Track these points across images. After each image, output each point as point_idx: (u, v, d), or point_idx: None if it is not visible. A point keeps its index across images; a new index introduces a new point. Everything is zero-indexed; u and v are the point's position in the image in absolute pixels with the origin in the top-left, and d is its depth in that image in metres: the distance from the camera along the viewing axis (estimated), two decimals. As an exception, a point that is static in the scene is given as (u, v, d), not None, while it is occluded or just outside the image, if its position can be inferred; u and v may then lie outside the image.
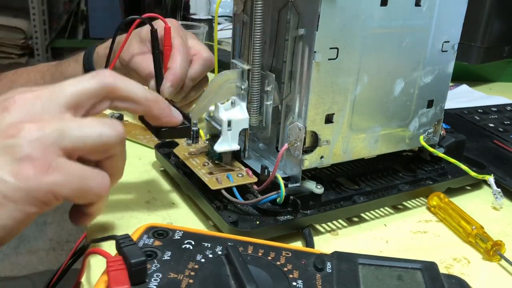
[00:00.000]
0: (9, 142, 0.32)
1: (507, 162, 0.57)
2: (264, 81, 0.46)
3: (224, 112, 0.46)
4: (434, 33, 0.47)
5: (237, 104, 0.47)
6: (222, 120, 0.46)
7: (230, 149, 0.46)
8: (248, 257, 0.32)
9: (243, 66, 0.47)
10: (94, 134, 0.34)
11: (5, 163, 0.31)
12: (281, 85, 0.46)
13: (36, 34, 2.69)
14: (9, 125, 0.32)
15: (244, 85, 0.46)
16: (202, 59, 0.60)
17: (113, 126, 0.35)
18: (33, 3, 2.65)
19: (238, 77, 0.47)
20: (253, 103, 0.46)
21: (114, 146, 0.35)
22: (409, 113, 0.49)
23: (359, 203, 0.45)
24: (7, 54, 2.68)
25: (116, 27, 0.56)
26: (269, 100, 0.46)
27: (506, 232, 0.46)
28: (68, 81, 0.35)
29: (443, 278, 0.32)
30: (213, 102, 0.47)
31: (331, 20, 0.40)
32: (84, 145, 0.33)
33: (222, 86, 0.47)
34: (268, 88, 0.46)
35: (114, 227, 0.43)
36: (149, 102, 0.38)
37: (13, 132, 0.32)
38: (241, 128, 0.46)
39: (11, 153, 0.31)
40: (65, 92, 0.35)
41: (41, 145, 0.32)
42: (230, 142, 0.46)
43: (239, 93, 0.47)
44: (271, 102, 0.46)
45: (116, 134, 0.35)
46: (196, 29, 0.82)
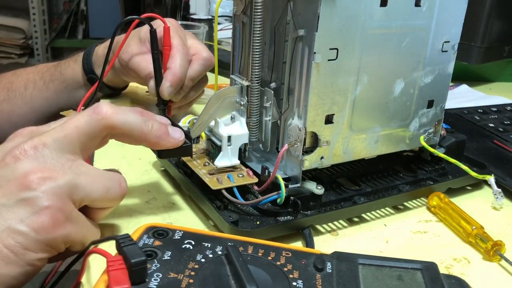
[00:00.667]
0: (26, 194, 0.33)
1: (507, 162, 0.57)
2: (263, 97, 0.46)
3: (224, 128, 0.46)
4: (434, 33, 0.47)
5: (237, 119, 0.47)
6: (222, 136, 0.46)
7: (230, 164, 0.46)
8: (248, 257, 0.32)
9: (242, 82, 0.47)
10: (103, 190, 0.36)
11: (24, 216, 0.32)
12: (279, 101, 0.46)
13: (36, 34, 2.69)
14: (22, 176, 0.33)
15: (243, 101, 0.47)
16: (202, 58, 0.60)
17: (120, 183, 0.38)
18: (33, 3, 2.64)
19: (237, 93, 0.47)
20: (253, 118, 0.47)
21: (114, 201, 0.38)
22: (409, 113, 0.49)
23: (359, 203, 0.45)
24: (7, 54, 2.68)
25: (118, 23, 0.56)
26: (268, 116, 0.46)
27: (506, 232, 0.46)
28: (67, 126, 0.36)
29: (443, 278, 0.32)
30: (213, 118, 0.47)
31: (330, 21, 0.40)
32: (91, 198, 0.36)
33: (221, 101, 0.47)
34: (267, 104, 0.46)
35: (114, 227, 0.43)
36: (144, 133, 0.39)
37: (29, 184, 0.33)
38: (241, 143, 0.47)
39: (30, 206, 0.33)
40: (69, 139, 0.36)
41: (57, 197, 0.33)
42: (231, 157, 0.46)
43: (239, 109, 0.48)
44: (270, 117, 0.46)
45: (121, 191, 0.38)
46: (196, 29, 0.82)
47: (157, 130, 0.40)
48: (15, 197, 0.33)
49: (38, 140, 0.35)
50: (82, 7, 2.75)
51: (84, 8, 2.74)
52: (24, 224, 0.32)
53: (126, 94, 0.77)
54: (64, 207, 0.33)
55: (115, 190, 0.37)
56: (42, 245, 0.33)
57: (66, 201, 0.34)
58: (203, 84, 0.63)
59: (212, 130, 0.48)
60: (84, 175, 0.35)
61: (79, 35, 2.78)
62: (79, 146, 0.36)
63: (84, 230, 0.36)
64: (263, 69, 0.47)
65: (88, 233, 0.36)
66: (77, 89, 0.71)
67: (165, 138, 0.41)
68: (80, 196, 0.35)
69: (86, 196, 0.35)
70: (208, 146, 0.49)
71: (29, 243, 0.32)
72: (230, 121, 0.48)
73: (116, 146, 0.60)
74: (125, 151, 0.59)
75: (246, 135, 0.47)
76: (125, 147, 0.60)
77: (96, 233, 0.38)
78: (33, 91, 0.72)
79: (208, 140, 0.49)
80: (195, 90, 0.61)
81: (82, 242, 0.36)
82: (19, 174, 0.33)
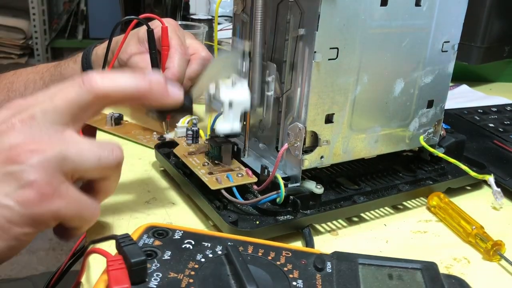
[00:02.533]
0: (12, 168, 0.32)
1: (507, 162, 0.57)
2: (265, 72, 0.45)
3: (225, 92, 0.44)
4: (434, 33, 0.47)
5: (239, 83, 0.45)
6: (223, 100, 0.44)
7: (232, 129, 0.44)
8: (248, 257, 0.32)
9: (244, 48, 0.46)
10: (94, 158, 0.35)
11: (10, 190, 0.32)
12: (282, 76, 0.45)
13: (36, 34, 2.69)
14: (10, 149, 0.32)
15: (245, 66, 0.45)
16: (200, 58, 0.60)
17: (112, 150, 0.36)
18: (33, 3, 2.65)
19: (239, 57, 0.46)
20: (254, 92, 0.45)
21: (111, 170, 0.36)
22: (409, 113, 0.49)
23: (359, 203, 0.45)
24: (7, 54, 2.68)
25: (116, 24, 0.56)
26: (270, 91, 0.46)
27: (506, 232, 0.46)
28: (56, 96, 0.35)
29: (443, 278, 0.32)
30: (214, 80, 0.45)
31: (331, 20, 0.40)
32: (83, 168, 0.34)
33: (223, 65, 0.46)
34: (269, 78, 0.45)
35: (114, 227, 0.43)
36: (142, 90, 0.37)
37: (15, 157, 0.32)
38: (243, 108, 0.45)
39: (16, 180, 0.32)
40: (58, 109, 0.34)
41: (44, 171, 0.32)
42: (232, 122, 0.44)
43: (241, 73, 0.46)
44: (272, 92, 0.45)
45: (115, 158, 0.36)
46: (196, 29, 0.82)
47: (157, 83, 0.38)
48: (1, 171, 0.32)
49: (25, 113, 0.34)
50: (82, 7, 2.75)
51: (84, 8, 2.75)
52: (10, 198, 0.31)
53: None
54: (52, 181, 0.32)
55: (107, 158, 0.36)
56: (28, 220, 0.32)
57: (54, 174, 0.32)
58: (202, 84, 0.63)
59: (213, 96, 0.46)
60: (73, 146, 0.34)
61: (79, 35, 2.78)
62: (69, 118, 0.35)
63: (76, 205, 0.34)
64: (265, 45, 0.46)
65: (83, 209, 0.35)
66: None
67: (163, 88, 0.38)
68: (70, 167, 0.33)
69: (77, 167, 0.34)
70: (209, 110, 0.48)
71: (15, 217, 0.31)
72: (232, 85, 0.45)
73: (116, 146, 0.60)
74: (125, 151, 0.58)
75: (248, 99, 0.45)
76: (125, 147, 0.59)
77: (93, 209, 0.36)
78: (33, 91, 0.72)
79: (208, 140, 0.48)
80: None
81: (77, 218, 0.34)
82: (6, 148, 0.32)
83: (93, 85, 0.35)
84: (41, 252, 1.65)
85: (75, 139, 0.35)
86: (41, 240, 1.70)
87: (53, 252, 1.66)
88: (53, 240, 1.71)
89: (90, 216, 0.35)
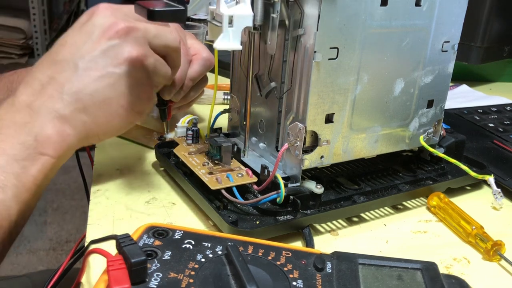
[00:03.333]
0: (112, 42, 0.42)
1: (507, 162, 0.57)
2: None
3: (225, 6, 0.42)
4: (434, 33, 0.47)
5: (241, 1, 0.43)
6: (222, 15, 0.41)
7: (231, 47, 0.42)
8: (248, 257, 0.32)
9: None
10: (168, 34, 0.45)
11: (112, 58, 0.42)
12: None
13: (36, 34, 2.69)
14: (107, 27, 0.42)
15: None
16: (202, 59, 0.59)
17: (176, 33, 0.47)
18: (33, 3, 2.64)
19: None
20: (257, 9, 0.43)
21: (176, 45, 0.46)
22: (409, 113, 0.49)
23: (359, 203, 0.45)
24: (7, 54, 2.67)
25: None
26: (276, 13, 0.43)
27: (506, 232, 0.46)
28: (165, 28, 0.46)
29: (443, 278, 0.32)
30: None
31: (331, 20, 0.40)
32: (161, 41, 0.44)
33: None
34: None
35: (114, 227, 0.43)
36: None
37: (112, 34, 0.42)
38: (244, 26, 0.42)
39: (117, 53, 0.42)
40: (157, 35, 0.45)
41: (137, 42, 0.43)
42: (231, 40, 0.42)
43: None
44: (278, 14, 0.43)
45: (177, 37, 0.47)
46: (196, 29, 0.82)
47: None
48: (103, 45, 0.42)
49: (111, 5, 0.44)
50: (82, 7, 2.75)
51: (84, 8, 2.74)
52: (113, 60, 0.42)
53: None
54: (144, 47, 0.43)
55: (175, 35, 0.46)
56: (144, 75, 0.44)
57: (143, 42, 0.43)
58: (203, 84, 0.63)
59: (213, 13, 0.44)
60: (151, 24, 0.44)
61: (79, 35, 2.77)
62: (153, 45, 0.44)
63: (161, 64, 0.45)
64: None
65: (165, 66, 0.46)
66: None
67: None
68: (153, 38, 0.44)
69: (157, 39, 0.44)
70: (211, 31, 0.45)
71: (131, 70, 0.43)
72: (234, 3, 0.43)
73: (116, 146, 0.60)
74: (126, 151, 0.59)
75: (250, 16, 0.42)
76: (125, 147, 0.60)
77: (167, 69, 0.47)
78: None
79: (208, 140, 0.49)
80: (195, 90, 0.61)
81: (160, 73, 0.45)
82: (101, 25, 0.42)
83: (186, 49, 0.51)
84: (41, 252, 1.65)
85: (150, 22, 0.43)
86: (41, 240, 1.70)
87: (53, 252, 1.66)
88: (53, 240, 1.71)
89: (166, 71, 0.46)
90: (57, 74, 0.42)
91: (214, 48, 0.43)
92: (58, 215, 1.83)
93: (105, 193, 0.48)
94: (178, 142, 0.52)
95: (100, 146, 0.60)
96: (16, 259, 1.60)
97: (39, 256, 1.63)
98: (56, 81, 0.42)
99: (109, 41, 0.42)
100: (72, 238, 1.72)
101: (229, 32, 0.42)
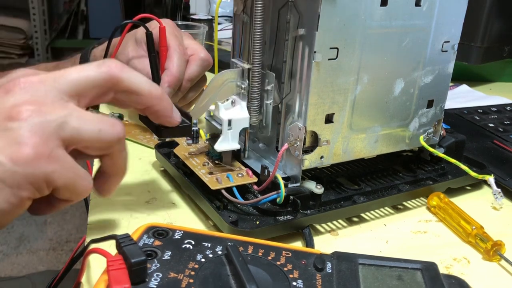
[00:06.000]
0: (11, 125, 0.31)
1: (507, 162, 0.57)
2: (264, 80, 0.46)
3: (224, 111, 0.46)
4: (434, 33, 0.47)
5: (237, 103, 0.47)
6: (222, 120, 0.45)
7: (231, 148, 0.46)
8: (248, 257, 0.32)
9: (243, 65, 0.47)
10: (94, 130, 0.34)
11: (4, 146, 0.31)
12: (281, 85, 0.46)
13: (36, 34, 2.69)
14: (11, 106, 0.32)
15: (244, 84, 0.47)
16: (199, 59, 0.59)
17: (113, 125, 0.35)
18: (33, 3, 2.65)
19: (238, 76, 0.47)
20: (253, 102, 0.46)
21: (112, 145, 0.35)
22: (409, 113, 0.49)
23: (359, 203, 0.45)
24: (7, 54, 2.68)
25: (114, 28, 0.56)
26: (269, 99, 0.46)
27: (506, 232, 0.46)
28: (73, 68, 0.35)
29: (443, 278, 0.32)
30: (214, 101, 0.47)
31: (331, 20, 0.40)
32: (82, 139, 0.33)
33: (222, 85, 0.47)
34: (268, 87, 0.46)
35: (114, 227, 0.43)
36: (152, 97, 0.38)
37: (15, 115, 0.31)
38: (242, 127, 0.46)
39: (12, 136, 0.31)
40: (69, 79, 0.34)
41: (42, 131, 0.31)
42: (231, 142, 0.46)
43: (239, 92, 0.47)
44: (271, 101, 0.46)
45: (116, 132, 0.35)
46: (196, 29, 0.82)
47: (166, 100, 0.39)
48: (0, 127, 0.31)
49: (36, 77, 0.34)
50: (82, 7, 2.75)
51: (84, 8, 2.75)
52: (3, 154, 0.30)
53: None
54: (49, 143, 0.31)
55: (107, 131, 0.35)
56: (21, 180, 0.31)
57: (52, 137, 0.32)
58: (201, 84, 0.63)
59: (212, 114, 0.47)
60: (76, 115, 0.33)
61: (79, 35, 2.78)
62: (78, 90, 0.34)
63: (71, 173, 0.33)
64: (264, 52, 0.46)
65: (76, 178, 0.33)
66: None
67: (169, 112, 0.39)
68: (69, 134, 0.33)
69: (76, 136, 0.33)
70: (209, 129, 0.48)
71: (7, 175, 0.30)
72: (231, 105, 0.47)
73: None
74: (125, 151, 0.59)
75: (246, 119, 0.46)
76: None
77: (87, 181, 0.34)
78: None
79: (208, 140, 0.49)
80: (193, 90, 0.61)
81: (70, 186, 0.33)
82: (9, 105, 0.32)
83: (112, 67, 0.35)
84: (41, 252, 1.65)
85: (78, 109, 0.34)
86: (41, 240, 1.70)
87: (53, 252, 1.66)
88: (53, 240, 1.71)
89: (82, 187, 0.34)
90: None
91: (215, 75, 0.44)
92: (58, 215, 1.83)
93: (105, 193, 0.48)
94: (178, 142, 0.52)
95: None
96: (16, 259, 1.60)
97: (39, 256, 1.63)
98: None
99: None
100: (72, 238, 1.72)
101: (228, 134, 0.46)
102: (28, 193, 0.31)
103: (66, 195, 0.34)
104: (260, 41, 0.44)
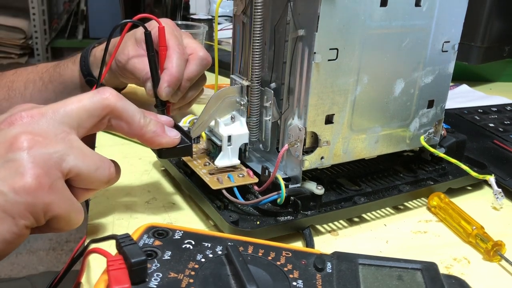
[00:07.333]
0: (13, 155, 0.32)
1: (507, 162, 0.57)
2: (263, 97, 0.46)
3: (224, 128, 0.46)
4: (434, 33, 0.47)
5: (237, 119, 0.47)
6: (222, 136, 0.46)
7: (231, 164, 0.46)
8: (249, 257, 0.32)
9: (242, 82, 0.47)
10: (92, 167, 0.36)
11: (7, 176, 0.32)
12: (279, 101, 0.46)
13: (36, 34, 2.69)
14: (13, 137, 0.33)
15: (243, 100, 0.47)
16: (198, 58, 0.59)
17: (110, 167, 0.38)
18: (33, 3, 2.65)
19: (237, 92, 0.47)
20: (253, 118, 0.47)
21: (101, 184, 0.37)
22: (409, 113, 0.49)
23: (359, 204, 0.45)
24: (7, 54, 2.68)
25: (113, 27, 0.56)
26: (268, 116, 0.47)
27: (507, 232, 0.46)
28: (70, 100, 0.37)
29: (443, 278, 0.32)
30: (213, 118, 0.47)
31: (330, 21, 0.40)
32: (80, 173, 0.35)
33: (222, 102, 0.47)
34: (267, 104, 0.46)
35: (114, 227, 0.43)
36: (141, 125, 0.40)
37: (17, 145, 0.32)
38: (241, 143, 0.47)
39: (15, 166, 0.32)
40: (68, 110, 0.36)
41: (44, 163, 0.33)
42: (231, 157, 0.47)
43: (239, 109, 0.48)
44: (270, 117, 0.46)
45: (109, 174, 0.37)
46: (196, 29, 0.82)
47: (154, 126, 0.40)
48: (2, 158, 0.32)
49: (37, 110, 0.35)
50: (82, 7, 2.75)
51: (84, 8, 2.75)
52: (5, 184, 0.31)
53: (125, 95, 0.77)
54: (50, 174, 0.33)
55: (103, 172, 0.37)
56: (21, 209, 0.31)
57: (53, 169, 0.33)
58: (201, 83, 0.63)
59: (212, 130, 0.48)
60: (76, 149, 0.35)
61: (79, 35, 2.78)
62: (77, 121, 0.36)
63: (68, 205, 0.34)
64: (263, 69, 0.47)
65: (72, 210, 0.35)
66: (75, 91, 0.70)
67: (160, 135, 0.41)
68: (68, 167, 0.34)
69: (74, 169, 0.35)
70: (208, 146, 0.49)
71: (8, 204, 0.31)
72: (230, 121, 0.48)
73: (116, 146, 0.60)
74: (126, 151, 0.59)
75: (246, 135, 0.47)
76: (125, 147, 0.60)
77: (80, 213, 0.36)
78: (32, 91, 0.72)
79: (209, 140, 0.49)
80: (193, 90, 0.61)
81: (66, 218, 0.35)
82: (10, 137, 0.33)
83: (106, 95, 0.37)
84: (41, 252, 1.65)
85: (79, 144, 0.36)
86: (41, 240, 1.70)
87: (53, 252, 1.66)
88: (53, 240, 1.71)
89: (76, 219, 0.36)
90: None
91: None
92: (58, 215, 1.83)
93: (105, 193, 0.48)
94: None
95: (100, 146, 0.60)
96: (16, 259, 1.60)
97: (39, 256, 1.63)
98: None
99: None
100: (72, 238, 1.72)
101: (228, 150, 0.46)
102: (27, 222, 0.32)
103: (60, 225, 0.35)
104: (260, 42, 0.44)
